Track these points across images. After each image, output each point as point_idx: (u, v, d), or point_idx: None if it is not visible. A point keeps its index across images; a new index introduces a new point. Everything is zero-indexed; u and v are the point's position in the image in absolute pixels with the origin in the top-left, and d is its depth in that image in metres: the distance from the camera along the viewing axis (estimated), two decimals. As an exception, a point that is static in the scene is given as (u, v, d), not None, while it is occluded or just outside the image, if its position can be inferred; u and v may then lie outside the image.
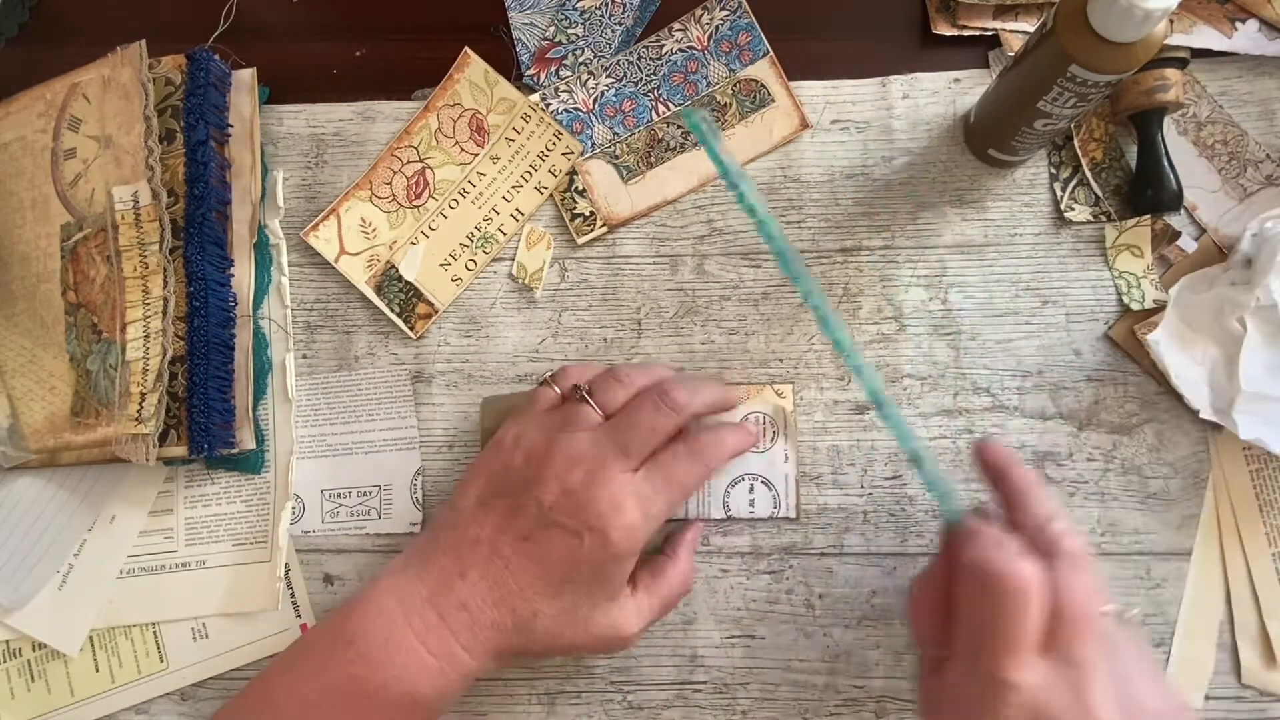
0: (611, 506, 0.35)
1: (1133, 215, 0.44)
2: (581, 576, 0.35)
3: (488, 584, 0.35)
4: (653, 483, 0.36)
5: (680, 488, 0.37)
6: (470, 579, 0.36)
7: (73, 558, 0.44)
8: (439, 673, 0.35)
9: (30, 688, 0.43)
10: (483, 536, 0.36)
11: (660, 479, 0.36)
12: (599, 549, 0.35)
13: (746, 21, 0.47)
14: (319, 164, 0.47)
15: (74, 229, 0.44)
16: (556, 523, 0.35)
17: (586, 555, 0.35)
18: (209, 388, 0.42)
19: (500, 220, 0.46)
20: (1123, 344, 0.43)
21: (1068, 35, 0.34)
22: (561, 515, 0.35)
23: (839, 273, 0.45)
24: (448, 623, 0.35)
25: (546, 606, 0.35)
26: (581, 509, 0.35)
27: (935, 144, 0.46)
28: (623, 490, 0.35)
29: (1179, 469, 0.42)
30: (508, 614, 0.35)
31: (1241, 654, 0.40)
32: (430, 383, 0.45)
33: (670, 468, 0.37)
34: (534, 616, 0.35)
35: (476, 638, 0.35)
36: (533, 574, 0.35)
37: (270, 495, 0.44)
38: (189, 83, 0.44)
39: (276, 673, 0.36)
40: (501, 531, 0.36)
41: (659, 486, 0.36)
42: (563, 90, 0.47)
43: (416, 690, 0.34)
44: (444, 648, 0.35)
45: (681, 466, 0.37)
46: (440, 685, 0.35)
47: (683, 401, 0.37)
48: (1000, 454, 0.36)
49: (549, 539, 0.35)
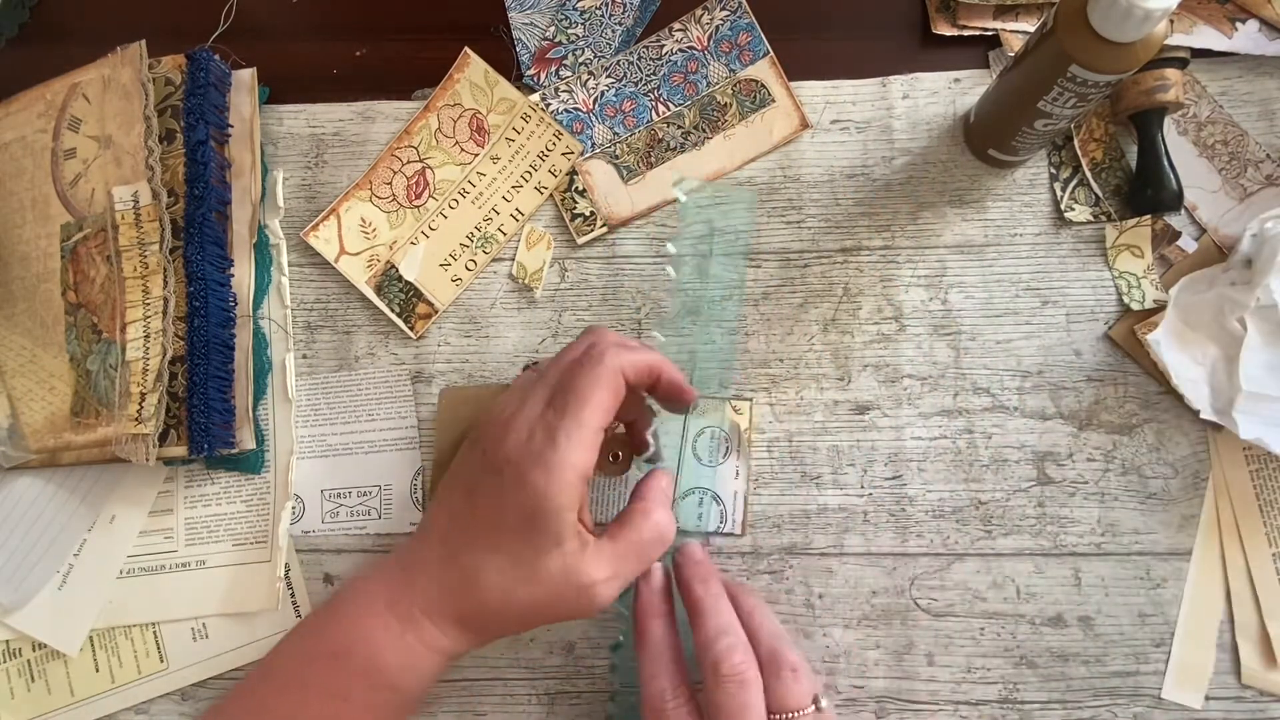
0: (524, 437, 0.34)
1: (1133, 215, 0.44)
2: (512, 517, 0.34)
3: (446, 544, 0.36)
4: (555, 404, 0.34)
5: (578, 396, 0.34)
6: (430, 543, 0.36)
7: (73, 558, 0.44)
8: (399, 637, 0.35)
9: (30, 688, 0.43)
10: (442, 498, 0.37)
11: (560, 397, 0.34)
12: (517, 484, 0.34)
13: (746, 21, 0.47)
14: (319, 164, 0.47)
15: (74, 229, 0.44)
16: (489, 467, 0.35)
17: (508, 492, 0.34)
18: (209, 388, 0.42)
19: (500, 220, 0.46)
20: (1123, 344, 0.43)
21: (1068, 35, 0.34)
22: (492, 458, 0.35)
23: (839, 273, 0.45)
24: (415, 586, 0.36)
25: (489, 559, 0.35)
26: (500, 448, 0.35)
27: (935, 144, 0.46)
28: (533, 419, 0.35)
29: (1179, 469, 0.42)
30: (456, 571, 0.35)
31: (1241, 654, 0.40)
32: (430, 383, 0.45)
33: (564, 380, 0.35)
34: (479, 570, 0.35)
35: (431, 600, 0.35)
36: (472, 526, 0.35)
37: (270, 495, 0.44)
38: (189, 83, 0.44)
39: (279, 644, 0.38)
40: (452, 489, 0.37)
41: (559, 404, 0.34)
42: (563, 90, 0.47)
43: (380, 658, 0.35)
44: (406, 611, 0.35)
45: (573, 372, 0.35)
46: (401, 651, 0.35)
47: (600, 331, 0.37)
48: (687, 570, 0.37)
49: (483, 487, 0.35)
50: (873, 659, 0.42)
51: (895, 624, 0.42)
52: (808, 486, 0.43)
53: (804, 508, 0.43)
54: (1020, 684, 0.41)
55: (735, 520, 0.43)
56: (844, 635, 0.42)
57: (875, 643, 0.42)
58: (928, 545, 0.42)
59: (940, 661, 0.41)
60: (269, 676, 0.37)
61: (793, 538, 0.43)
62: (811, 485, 0.43)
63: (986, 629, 0.42)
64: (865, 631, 0.42)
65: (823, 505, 0.43)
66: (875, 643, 0.42)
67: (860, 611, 0.42)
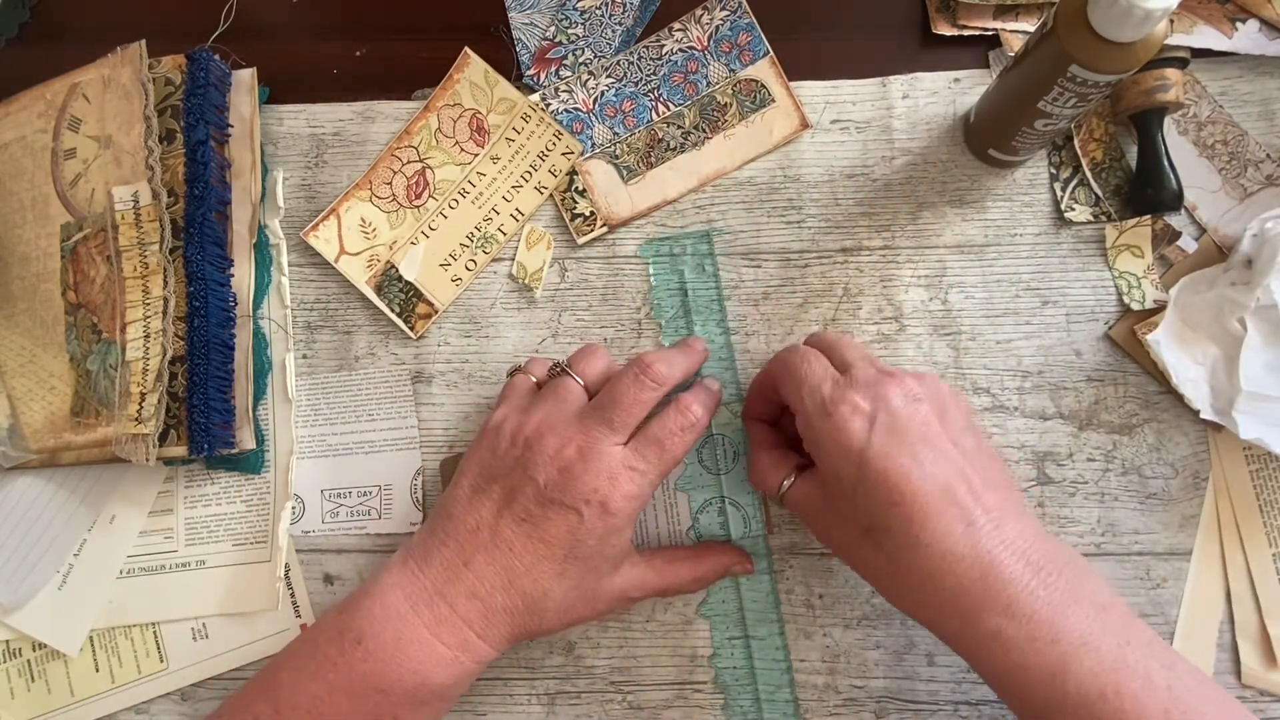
0: (607, 480, 0.36)
1: (1133, 215, 0.44)
2: (585, 551, 0.36)
3: (494, 569, 0.36)
4: (643, 454, 0.37)
5: (673, 456, 0.37)
6: (476, 566, 0.36)
7: (73, 558, 0.44)
8: (454, 662, 0.35)
9: (30, 688, 0.43)
10: (482, 522, 0.37)
11: (653, 451, 0.37)
12: (598, 522, 0.36)
13: (746, 21, 0.47)
14: (319, 164, 0.47)
15: (74, 229, 0.44)
16: (554, 500, 0.36)
17: (588, 529, 0.36)
18: (209, 388, 0.42)
19: (500, 220, 0.46)
20: (1123, 344, 0.43)
21: (1068, 35, 0.34)
22: (558, 493, 0.36)
23: (839, 273, 0.45)
24: (459, 612, 0.35)
25: (555, 585, 0.36)
26: (577, 485, 0.36)
27: (935, 144, 0.46)
28: (616, 463, 0.36)
29: (1179, 469, 0.42)
30: (518, 597, 0.36)
31: (1241, 654, 0.40)
32: (430, 383, 0.45)
33: (659, 435, 0.37)
34: (544, 596, 0.36)
35: (490, 623, 0.36)
36: (537, 554, 0.36)
37: (270, 495, 0.44)
38: (189, 83, 0.44)
39: (282, 671, 0.36)
40: (500, 515, 0.36)
41: (649, 455, 0.37)
42: (563, 90, 0.47)
43: (432, 680, 0.35)
44: (458, 638, 0.35)
45: (674, 436, 0.37)
46: (456, 673, 0.35)
47: (664, 373, 0.38)
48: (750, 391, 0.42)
49: (548, 517, 0.36)
50: (873, 659, 0.42)
51: (895, 624, 0.42)
52: (808, 486, 0.43)
53: (804, 508, 0.43)
54: (1020, 684, 0.41)
55: (758, 520, 0.43)
56: (844, 635, 0.42)
57: (875, 643, 0.42)
58: (928, 545, 0.42)
59: (940, 661, 0.41)
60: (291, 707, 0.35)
61: (793, 538, 0.43)
62: (811, 485, 0.43)
63: (986, 629, 0.42)
64: (865, 631, 0.42)
65: (823, 505, 0.43)
66: (875, 643, 0.42)
67: (860, 611, 0.42)
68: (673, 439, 0.37)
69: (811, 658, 0.42)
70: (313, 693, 0.35)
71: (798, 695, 0.41)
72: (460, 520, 0.37)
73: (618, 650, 0.42)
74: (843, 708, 0.41)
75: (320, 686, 0.35)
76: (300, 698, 0.35)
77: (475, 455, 0.39)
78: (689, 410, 0.38)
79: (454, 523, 0.37)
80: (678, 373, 0.39)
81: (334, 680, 0.35)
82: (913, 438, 0.33)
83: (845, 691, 0.41)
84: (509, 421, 0.38)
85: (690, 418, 0.38)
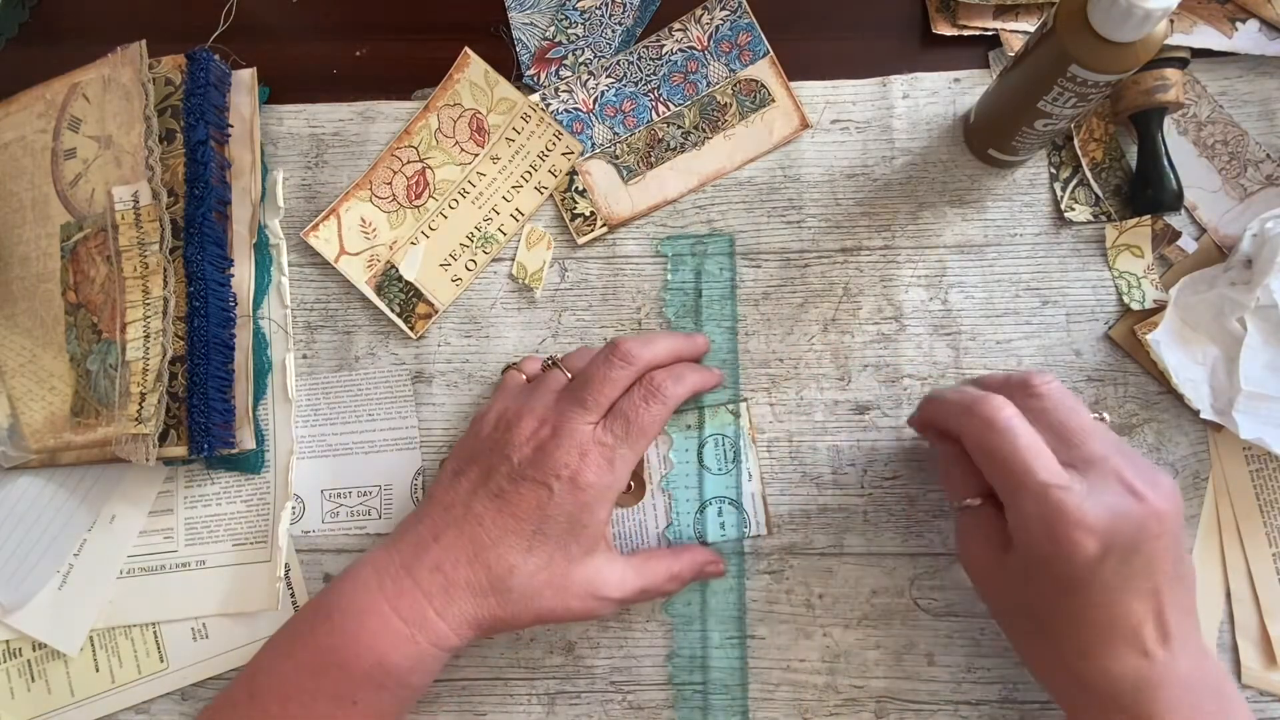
0: (578, 455, 0.36)
1: (1133, 215, 0.44)
2: (555, 527, 0.36)
3: (462, 542, 0.36)
4: (613, 430, 0.37)
5: (640, 429, 0.37)
6: (444, 541, 0.36)
7: (73, 558, 0.44)
8: (410, 640, 0.35)
9: (30, 688, 0.43)
10: (456, 500, 0.37)
11: (620, 425, 0.37)
12: (568, 496, 0.36)
13: (746, 21, 0.47)
14: (319, 164, 0.47)
15: (74, 229, 0.44)
16: (526, 476, 0.36)
17: (557, 504, 0.36)
18: (209, 388, 0.42)
19: (500, 220, 0.46)
20: (1123, 344, 0.43)
21: (1068, 35, 0.34)
22: (530, 469, 0.36)
23: (839, 273, 0.45)
24: (421, 586, 0.36)
25: (522, 560, 0.36)
26: (549, 461, 0.36)
27: (935, 144, 0.46)
28: (587, 439, 0.37)
29: (1179, 469, 0.42)
30: (482, 570, 0.36)
31: (1241, 654, 0.40)
32: (430, 383, 0.45)
33: (624, 409, 0.38)
34: (510, 572, 0.36)
35: (451, 600, 0.36)
36: (505, 527, 0.36)
37: (270, 495, 0.44)
38: (189, 83, 0.44)
39: (263, 653, 0.37)
40: (474, 493, 0.37)
41: (619, 432, 0.37)
42: (563, 90, 0.47)
43: (388, 660, 0.35)
44: (416, 612, 0.35)
45: (638, 408, 0.38)
46: (412, 654, 0.35)
47: (634, 352, 0.38)
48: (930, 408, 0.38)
49: (519, 493, 0.36)
50: (873, 659, 0.42)
51: (895, 624, 0.42)
52: (808, 486, 0.43)
53: (804, 508, 0.43)
54: (1020, 684, 0.41)
55: (759, 522, 0.43)
56: (844, 635, 0.42)
57: (875, 643, 0.42)
58: (928, 545, 0.42)
59: (940, 661, 0.41)
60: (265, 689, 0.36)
61: (792, 538, 0.43)
62: (811, 485, 0.43)
63: (986, 629, 0.42)
64: (865, 631, 0.42)
65: (823, 505, 0.43)
66: (875, 643, 0.42)
67: (860, 611, 0.42)
68: (637, 411, 0.37)
69: (811, 658, 0.42)
70: (283, 672, 0.36)
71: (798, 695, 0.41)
72: (438, 500, 0.38)
73: (617, 650, 0.42)
74: (843, 708, 0.41)
75: (290, 665, 0.36)
76: (272, 680, 0.36)
77: (461, 443, 0.40)
78: (652, 382, 0.38)
79: (432, 503, 0.38)
80: (653, 351, 0.39)
81: (302, 658, 0.36)
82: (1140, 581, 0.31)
83: (845, 691, 0.41)
84: (493, 408, 0.40)
85: (654, 390, 0.38)
